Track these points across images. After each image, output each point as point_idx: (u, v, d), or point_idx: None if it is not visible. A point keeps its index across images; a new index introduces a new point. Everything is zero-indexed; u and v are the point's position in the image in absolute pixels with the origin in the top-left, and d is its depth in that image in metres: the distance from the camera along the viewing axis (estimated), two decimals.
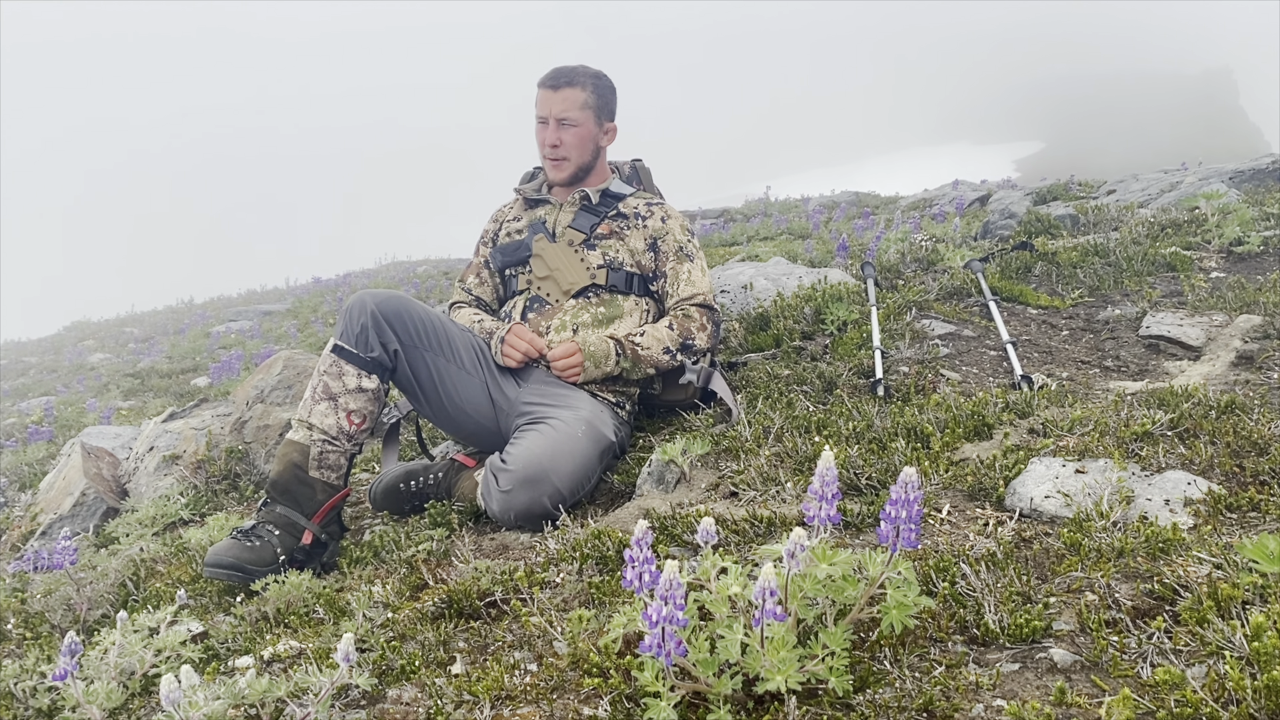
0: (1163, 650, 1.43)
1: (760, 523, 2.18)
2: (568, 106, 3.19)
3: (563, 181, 3.30)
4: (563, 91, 3.19)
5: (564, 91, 3.19)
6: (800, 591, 1.40)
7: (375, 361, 2.76)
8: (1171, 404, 2.53)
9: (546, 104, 3.20)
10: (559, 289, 3.18)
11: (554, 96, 3.19)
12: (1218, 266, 4.42)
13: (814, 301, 4.08)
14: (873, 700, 1.40)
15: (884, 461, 2.41)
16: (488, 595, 2.07)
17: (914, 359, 3.42)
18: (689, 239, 3.31)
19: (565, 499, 2.68)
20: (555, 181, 3.32)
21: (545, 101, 3.20)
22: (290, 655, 2.02)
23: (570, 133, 3.21)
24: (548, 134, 3.21)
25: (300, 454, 2.69)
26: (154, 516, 3.63)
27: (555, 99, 3.19)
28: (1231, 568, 1.60)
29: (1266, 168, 7.29)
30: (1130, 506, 2.00)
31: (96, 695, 1.78)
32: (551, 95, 3.19)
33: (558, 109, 3.19)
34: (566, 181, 3.30)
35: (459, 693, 1.63)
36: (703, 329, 3.16)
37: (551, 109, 3.19)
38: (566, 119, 3.19)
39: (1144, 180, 8.32)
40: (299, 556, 2.63)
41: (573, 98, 3.19)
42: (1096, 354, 3.61)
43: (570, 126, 3.21)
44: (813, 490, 1.43)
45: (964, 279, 4.30)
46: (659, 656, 1.31)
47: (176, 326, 13.97)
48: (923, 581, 1.73)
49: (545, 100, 3.20)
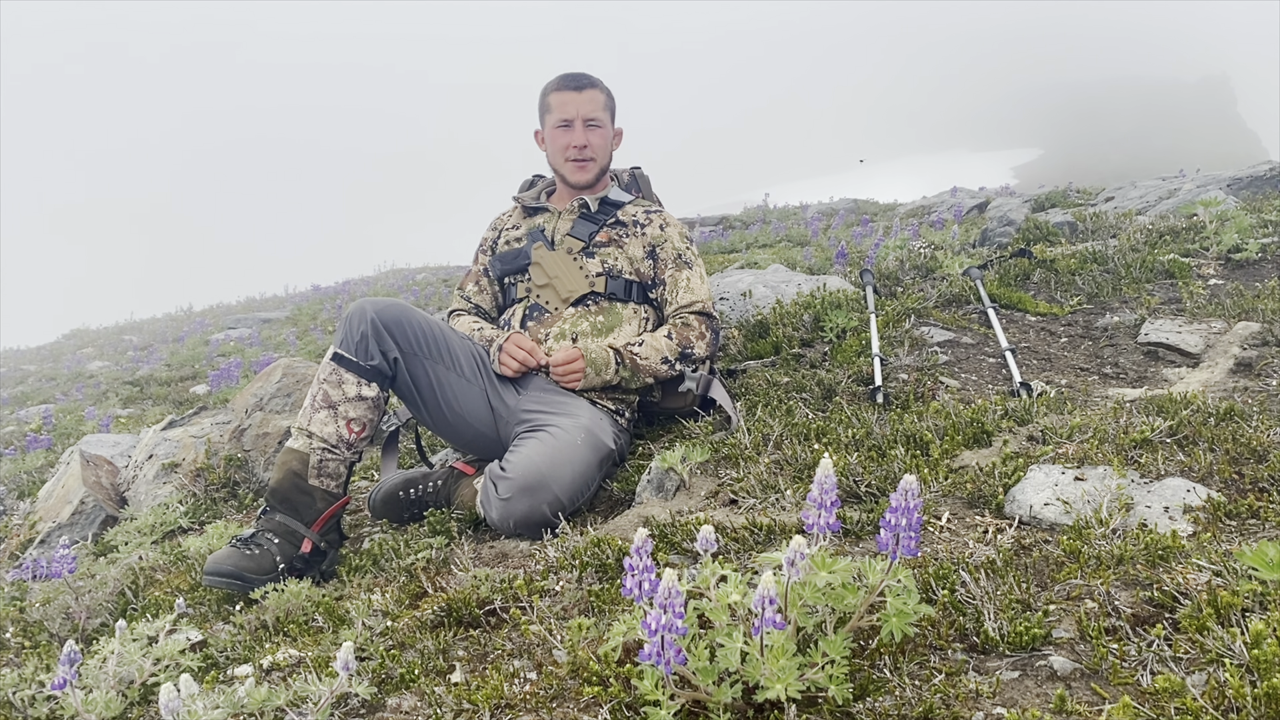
0: (1162, 658, 1.43)
1: (760, 530, 2.18)
2: (594, 107, 3.19)
3: (586, 183, 3.29)
4: (587, 93, 3.19)
5: (588, 93, 3.19)
6: (800, 599, 1.40)
7: (375, 369, 2.76)
8: (1170, 411, 2.53)
9: (572, 105, 3.18)
10: (558, 297, 3.18)
11: (579, 98, 3.18)
12: (1216, 273, 4.43)
13: (813, 309, 4.09)
14: (872, 708, 1.40)
15: (883, 469, 2.41)
16: (487, 603, 2.07)
17: (913, 366, 3.42)
18: (688, 246, 3.32)
19: (565, 507, 2.68)
20: (578, 183, 3.29)
21: (570, 103, 3.18)
22: (289, 664, 2.01)
23: (596, 134, 3.21)
24: (574, 135, 3.19)
25: (300, 462, 2.69)
26: (153, 525, 3.62)
27: (581, 100, 3.18)
28: (1231, 575, 1.60)
29: (1264, 175, 7.30)
30: (1129, 514, 2.00)
31: (95, 704, 1.78)
32: (576, 96, 3.19)
33: (585, 110, 3.18)
34: (590, 183, 3.29)
35: (458, 701, 1.63)
36: (701, 337, 3.16)
37: (580, 110, 3.18)
38: (593, 120, 3.20)
39: (1142, 187, 8.33)
40: (298, 565, 2.63)
41: (596, 99, 3.20)
42: (1095, 361, 3.61)
43: (596, 128, 3.21)
44: (812, 498, 1.43)
45: (963, 286, 4.30)
46: (659, 665, 1.31)
47: (175, 334, 13.96)
48: (922, 589, 1.73)
49: (569, 102, 3.18)
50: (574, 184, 3.30)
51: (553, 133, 3.24)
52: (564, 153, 3.23)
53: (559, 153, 3.25)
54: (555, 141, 3.24)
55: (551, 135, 3.25)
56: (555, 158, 3.29)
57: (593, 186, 3.32)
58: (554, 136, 3.24)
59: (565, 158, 3.24)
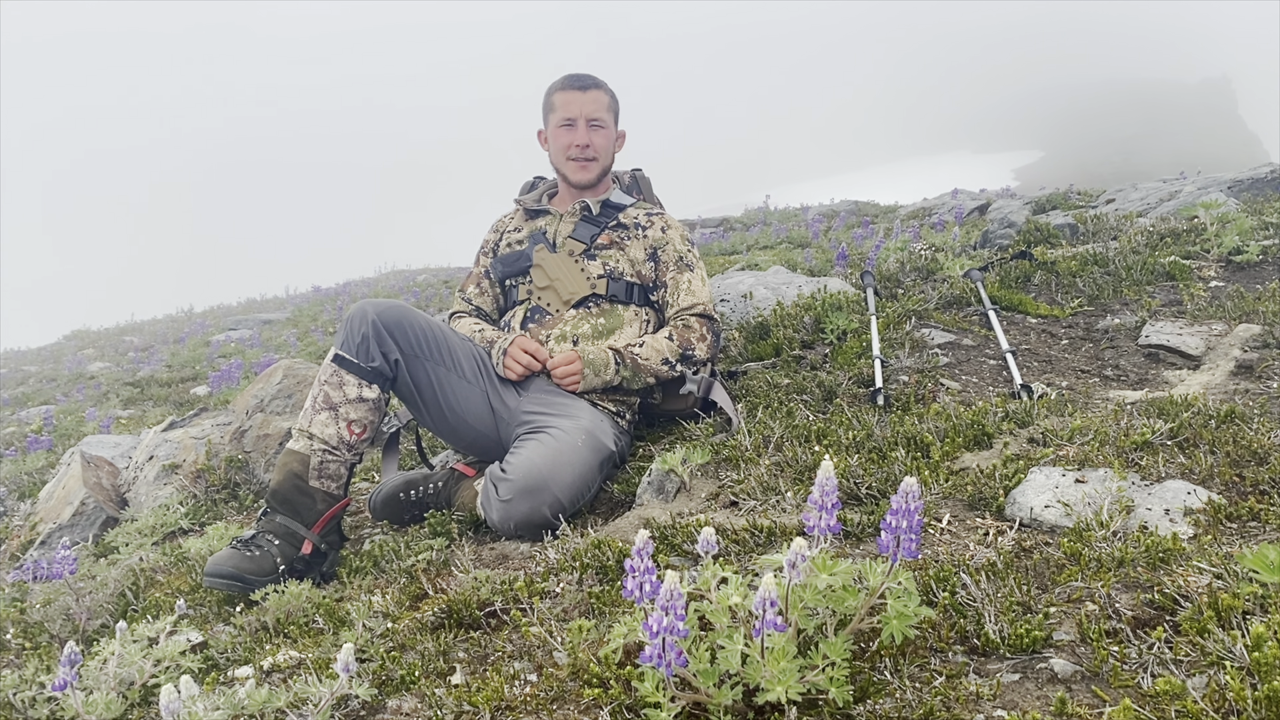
0: (1163, 660, 1.43)
1: (760, 532, 2.18)
2: (598, 107, 3.20)
3: (588, 183, 3.29)
4: (591, 93, 3.20)
5: (592, 93, 3.20)
6: (800, 602, 1.40)
7: (376, 371, 2.76)
8: (1171, 413, 2.53)
9: (576, 105, 3.19)
10: (559, 299, 3.18)
11: (583, 98, 3.20)
12: (1217, 276, 4.42)
13: (814, 310, 4.09)
14: (873, 710, 1.40)
15: (884, 471, 2.41)
16: (488, 605, 2.07)
17: (914, 368, 3.42)
18: (689, 249, 3.32)
19: (565, 508, 2.68)
20: (580, 183, 3.30)
21: (574, 103, 3.19)
22: (290, 665, 2.01)
23: (600, 134, 3.23)
24: (577, 135, 3.20)
25: (300, 463, 2.69)
26: (153, 526, 3.62)
27: (585, 100, 3.19)
28: (1232, 578, 1.60)
29: (1265, 177, 7.30)
30: (1130, 516, 2.00)
31: (96, 705, 1.78)
32: (580, 96, 3.20)
33: (589, 110, 3.19)
34: (592, 183, 3.30)
35: (459, 703, 1.63)
36: (702, 339, 3.16)
37: (583, 109, 3.19)
38: (596, 120, 3.21)
39: (1143, 189, 8.33)
40: (299, 566, 2.63)
41: (600, 100, 3.21)
42: (1096, 363, 3.61)
43: (599, 128, 3.22)
44: (813, 500, 1.43)
45: (963, 288, 4.30)
46: (659, 667, 1.31)
47: (176, 335, 13.95)
48: (923, 591, 1.73)
49: (573, 102, 3.19)
50: (575, 183, 3.31)
51: (555, 132, 3.25)
52: (566, 151, 3.24)
53: (561, 151, 3.25)
54: (558, 140, 3.25)
55: (554, 134, 3.26)
56: (558, 157, 3.29)
57: (595, 187, 3.33)
58: (557, 136, 3.25)
59: (568, 156, 3.25)
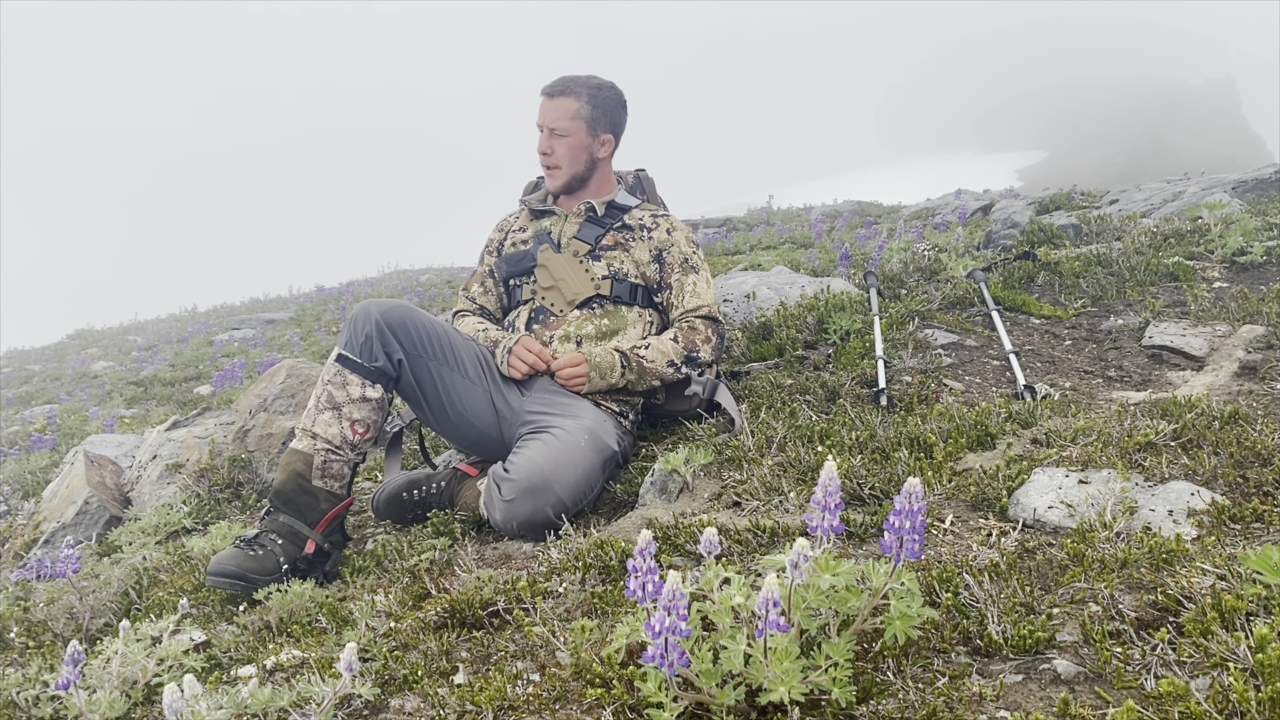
0: (1166, 662, 1.43)
1: (763, 533, 2.18)
2: (559, 116, 3.22)
3: (558, 190, 3.33)
4: (556, 100, 3.23)
5: (558, 100, 3.23)
6: (803, 602, 1.40)
7: (379, 371, 2.77)
8: (1175, 414, 2.53)
9: (542, 112, 3.25)
10: (563, 299, 3.18)
11: (548, 105, 3.24)
12: (1221, 276, 4.42)
13: (817, 311, 4.09)
14: (876, 711, 1.40)
15: (887, 471, 2.41)
16: (490, 605, 2.07)
17: (917, 369, 3.42)
18: (694, 251, 3.32)
19: (568, 508, 2.68)
20: (550, 190, 3.36)
21: (542, 110, 3.26)
22: (293, 665, 2.01)
23: (560, 142, 3.23)
24: (540, 142, 3.27)
25: (303, 463, 2.69)
26: (157, 525, 3.63)
27: (549, 107, 3.23)
28: (1235, 579, 1.60)
29: (1269, 178, 7.28)
30: (1134, 517, 1.99)
31: (99, 704, 1.78)
32: (547, 103, 3.24)
33: (550, 118, 3.23)
34: (561, 190, 3.33)
35: (462, 703, 1.63)
36: (707, 341, 3.16)
37: (545, 117, 3.24)
38: (556, 128, 3.22)
39: (1146, 190, 8.31)
40: (302, 565, 2.63)
41: (565, 107, 3.21)
42: (1099, 364, 3.61)
43: (560, 136, 3.23)
44: (816, 500, 1.43)
45: (967, 289, 4.30)
46: (662, 667, 1.31)
47: (179, 335, 13.97)
48: (926, 592, 1.73)
49: (542, 108, 3.26)
50: (547, 189, 3.38)
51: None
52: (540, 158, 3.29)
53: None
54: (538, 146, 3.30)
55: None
56: None
57: (566, 193, 3.35)
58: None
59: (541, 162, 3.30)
